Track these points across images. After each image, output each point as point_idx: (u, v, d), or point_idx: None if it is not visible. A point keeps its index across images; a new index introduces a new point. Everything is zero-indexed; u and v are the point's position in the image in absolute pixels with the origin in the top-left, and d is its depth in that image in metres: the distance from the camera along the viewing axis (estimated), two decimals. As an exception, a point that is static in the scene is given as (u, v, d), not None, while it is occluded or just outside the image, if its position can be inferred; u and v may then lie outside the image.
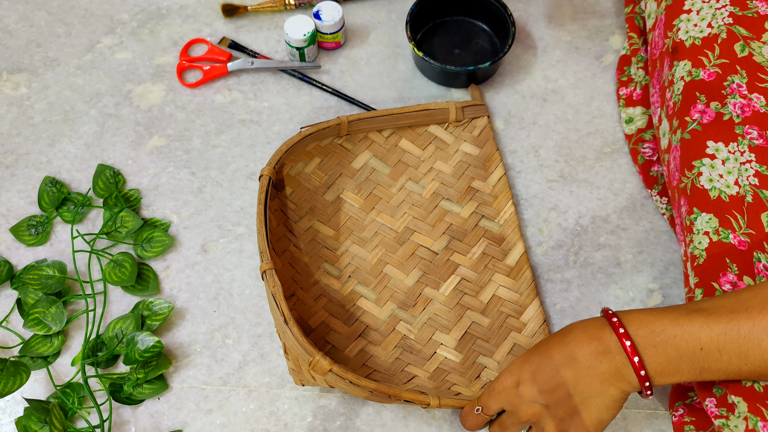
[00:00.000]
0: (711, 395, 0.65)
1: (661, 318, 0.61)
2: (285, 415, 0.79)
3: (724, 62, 0.73)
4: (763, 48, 0.72)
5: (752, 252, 0.66)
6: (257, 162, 0.92)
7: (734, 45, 0.73)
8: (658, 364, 0.60)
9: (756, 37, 0.73)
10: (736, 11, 0.74)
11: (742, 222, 0.68)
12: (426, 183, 0.89)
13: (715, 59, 0.73)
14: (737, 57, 0.72)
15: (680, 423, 0.72)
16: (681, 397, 0.74)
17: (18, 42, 1.00)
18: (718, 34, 0.74)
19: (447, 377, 0.79)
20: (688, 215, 0.71)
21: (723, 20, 0.74)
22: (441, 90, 0.97)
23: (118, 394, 0.79)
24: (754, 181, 0.68)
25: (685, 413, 0.72)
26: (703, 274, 0.69)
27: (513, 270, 0.85)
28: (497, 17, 0.96)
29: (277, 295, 0.70)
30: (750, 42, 0.72)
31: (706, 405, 0.65)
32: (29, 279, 0.83)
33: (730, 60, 0.73)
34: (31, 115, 0.95)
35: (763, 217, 0.67)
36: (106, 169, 0.90)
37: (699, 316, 0.59)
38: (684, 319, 0.60)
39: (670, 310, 0.62)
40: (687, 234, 0.72)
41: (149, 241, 0.86)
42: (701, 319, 0.59)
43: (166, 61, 0.98)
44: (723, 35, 0.73)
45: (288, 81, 0.97)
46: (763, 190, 0.68)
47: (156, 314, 0.82)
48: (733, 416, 0.62)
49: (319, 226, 0.86)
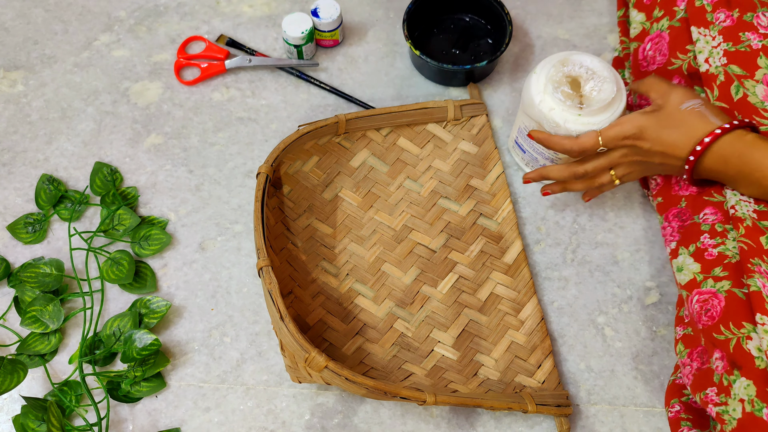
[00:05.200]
0: (712, 384, 0.66)
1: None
2: (283, 412, 0.79)
3: (723, 106, 0.75)
4: (756, 87, 0.73)
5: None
6: (255, 160, 0.92)
7: (730, 87, 0.75)
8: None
9: (749, 75, 0.74)
10: (729, 47, 0.75)
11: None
12: (424, 181, 0.89)
13: (714, 99, 0.76)
14: (733, 101, 0.75)
15: (676, 418, 0.73)
16: (677, 394, 0.74)
17: (15, 39, 0.99)
18: (716, 75, 0.76)
19: (444, 375, 0.79)
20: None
21: (719, 60, 0.76)
22: (439, 88, 0.97)
23: (115, 392, 0.79)
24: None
25: (681, 410, 0.73)
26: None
27: (511, 268, 0.85)
28: (495, 16, 0.96)
29: (274, 292, 0.70)
30: (744, 81, 0.74)
31: (706, 394, 0.66)
32: (26, 277, 0.83)
33: (728, 104, 0.75)
34: (28, 113, 0.95)
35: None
36: (103, 167, 0.90)
37: None
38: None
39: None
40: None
41: (147, 239, 0.86)
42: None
43: (163, 59, 0.98)
44: (721, 77, 0.75)
45: (286, 79, 0.97)
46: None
47: (153, 312, 0.82)
48: (730, 399, 0.63)
49: (317, 224, 0.86)
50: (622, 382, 0.81)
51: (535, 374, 0.80)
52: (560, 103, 0.77)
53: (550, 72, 0.78)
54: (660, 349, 0.82)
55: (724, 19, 0.77)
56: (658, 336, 0.83)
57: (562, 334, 0.83)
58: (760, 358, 0.63)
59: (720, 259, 0.70)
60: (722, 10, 0.77)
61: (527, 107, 0.81)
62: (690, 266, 0.72)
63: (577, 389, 0.80)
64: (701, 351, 0.70)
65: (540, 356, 0.81)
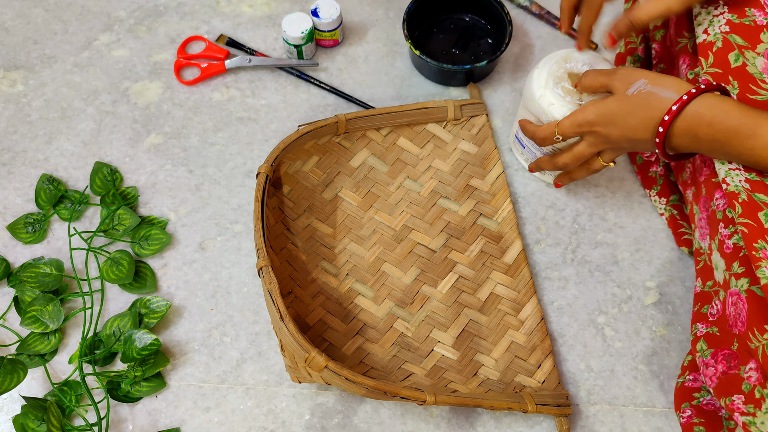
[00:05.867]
0: (739, 392, 0.63)
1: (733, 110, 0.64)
2: (283, 412, 0.79)
3: (717, 71, 0.72)
4: (756, 59, 0.72)
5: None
6: (255, 160, 0.92)
7: (728, 54, 0.73)
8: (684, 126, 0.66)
9: (751, 47, 0.72)
10: (734, 18, 0.74)
11: None
12: (424, 181, 0.89)
13: (707, 66, 0.73)
14: (730, 67, 0.72)
15: (689, 424, 0.71)
16: (687, 398, 0.73)
17: (15, 39, 0.99)
18: (713, 42, 0.73)
19: (444, 375, 0.79)
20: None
21: (720, 28, 0.74)
22: (439, 88, 0.97)
23: (115, 392, 0.79)
24: None
25: (693, 414, 0.72)
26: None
27: (511, 268, 0.85)
28: (495, 16, 0.96)
29: (274, 291, 0.70)
30: (745, 51, 0.72)
31: (732, 401, 0.63)
32: (26, 277, 0.83)
33: (723, 70, 0.72)
34: (28, 113, 0.95)
35: None
36: (103, 167, 0.90)
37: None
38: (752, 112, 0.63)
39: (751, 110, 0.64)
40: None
41: (147, 238, 0.86)
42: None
43: (163, 59, 0.98)
44: (719, 44, 0.73)
45: (286, 79, 0.97)
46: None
47: (153, 312, 0.82)
48: (760, 412, 0.61)
49: (317, 224, 0.86)
50: (621, 382, 0.81)
51: (535, 374, 0.80)
52: (560, 98, 0.77)
53: (552, 68, 0.78)
54: (660, 349, 0.82)
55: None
56: (658, 336, 0.83)
57: (562, 334, 0.83)
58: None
59: (736, 252, 0.66)
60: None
61: (528, 102, 0.81)
62: (719, 263, 0.68)
63: (577, 389, 0.80)
64: (729, 355, 0.66)
65: (540, 356, 0.81)
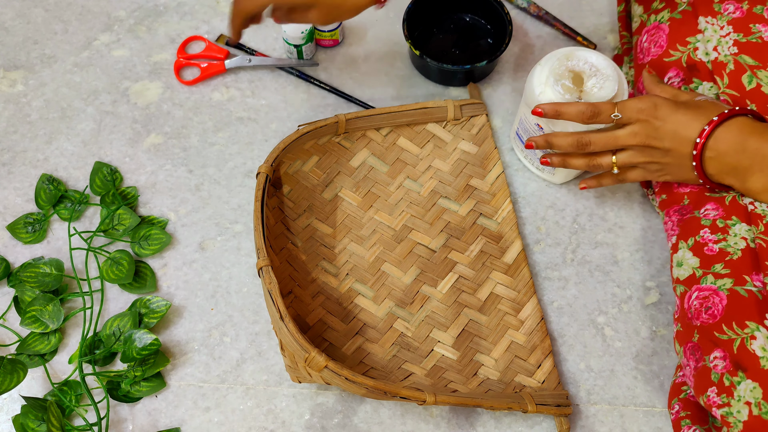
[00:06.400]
0: (711, 384, 0.65)
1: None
2: (283, 412, 0.79)
3: (734, 94, 0.74)
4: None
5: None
6: (255, 160, 0.92)
7: (741, 77, 0.74)
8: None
9: (762, 65, 0.73)
10: (740, 38, 0.74)
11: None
12: (424, 181, 0.89)
13: (725, 87, 0.75)
14: (746, 90, 0.73)
15: (677, 419, 0.72)
16: (676, 393, 0.74)
17: (15, 39, 0.99)
18: (725, 63, 0.75)
19: (444, 374, 0.79)
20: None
21: (729, 50, 0.75)
22: (439, 88, 0.97)
23: (115, 392, 0.79)
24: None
25: (680, 408, 0.73)
26: None
27: (511, 268, 0.85)
28: (495, 16, 0.96)
29: (273, 291, 0.70)
30: (756, 71, 0.73)
31: (708, 396, 0.65)
32: (26, 277, 0.83)
33: (740, 93, 0.74)
34: (27, 113, 0.95)
35: None
36: (103, 167, 0.90)
37: None
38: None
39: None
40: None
41: (146, 238, 0.86)
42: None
43: (163, 59, 0.98)
44: (731, 66, 0.74)
45: (286, 79, 0.97)
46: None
47: (153, 312, 0.82)
48: (733, 401, 0.62)
49: (317, 224, 0.86)
50: (621, 381, 0.81)
51: (534, 374, 0.80)
52: (560, 96, 0.77)
53: (553, 65, 0.78)
54: (660, 349, 0.82)
55: (733, 11, 0.76)
56: (658, 336, 0.83)
57: (562, 334, 0.83)
58: (765, 358, 0.62)
59: (721, 255, 0.69)
60: (731, 1, 0.76)
61: (528, 98, 0.81)
62: (689, 260, 0.72)
63: (577, 389, 0.80)
64: (693, 347, 0.69)
65: (540, 356, 0.81)
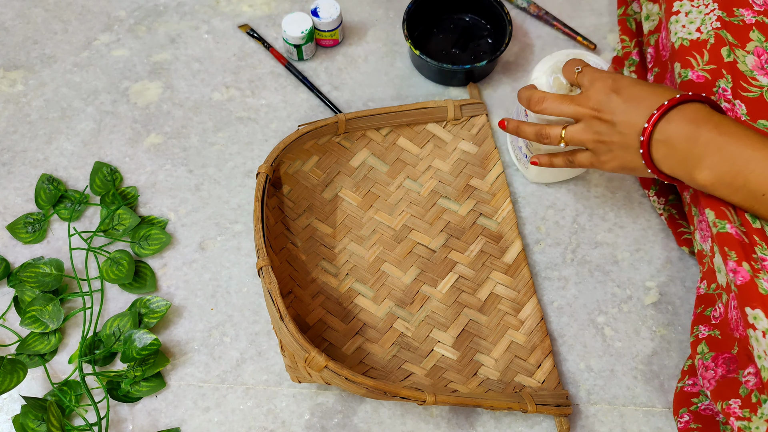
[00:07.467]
0: (736, 396, 0.64)
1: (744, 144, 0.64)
2: (282, 412, 0.79)
3: (713, 67, 0.74)
4: (746, 57, 0.73)
5: None
6: (255, 159, 0.92)
7: (721, 49, 0.74)
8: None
9: (740, 45, 0.73)
10: (724, 16, 0.75)
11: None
12: (424, 181, 0.89)
13: (704, 64, 0.74)
14: (723, 61, 0.73)
15: (686, 429, 0.72)
16: (686, 403, 0.73)
17: (15, 39, 0.99)
18: (707, 40, 0.75)
19: (444, 374, 0.79)
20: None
21: (711, 25, 0.75)
22: (439, 88, 0.97)
23: (115, 392, 0.79)
24: None
25: (691, 419, 0.72)
26: None
27: (511, 268, 0.85)
28: (495, 16, 0.96)
29: (273, 291, 0.70)
30: (735, 49, 0.73)
31: (729, 404, 0.64)
32: (26, 277, 0.83)
33: (717, 65, 0.74)
34: (27, 113, 0.95)
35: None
36: (103, 167, 0.90)
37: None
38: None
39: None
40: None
41: (146, 238, 0.86)
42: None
43: (163, 59, 0.98)
44: (711, 41, 0.74)
45: (286, 79, 0.97)
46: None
47: (153, 312, 0.82)
48: (755, 417, 0.61)
49: (317, 223, 0.86)
50: (621, 381, 0.81)
51: (534, 374, 0.80)
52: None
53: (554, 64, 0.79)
54: (660, 349, 0.82)
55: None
56: (657, 336, 0.83)
57: (562, 334, 0.83)
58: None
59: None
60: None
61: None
62: (720, 266, 0.68)
63: (577, 389, 0.80)
64: (729, 359, 0.67)
65: (540, 356, 0.81)
